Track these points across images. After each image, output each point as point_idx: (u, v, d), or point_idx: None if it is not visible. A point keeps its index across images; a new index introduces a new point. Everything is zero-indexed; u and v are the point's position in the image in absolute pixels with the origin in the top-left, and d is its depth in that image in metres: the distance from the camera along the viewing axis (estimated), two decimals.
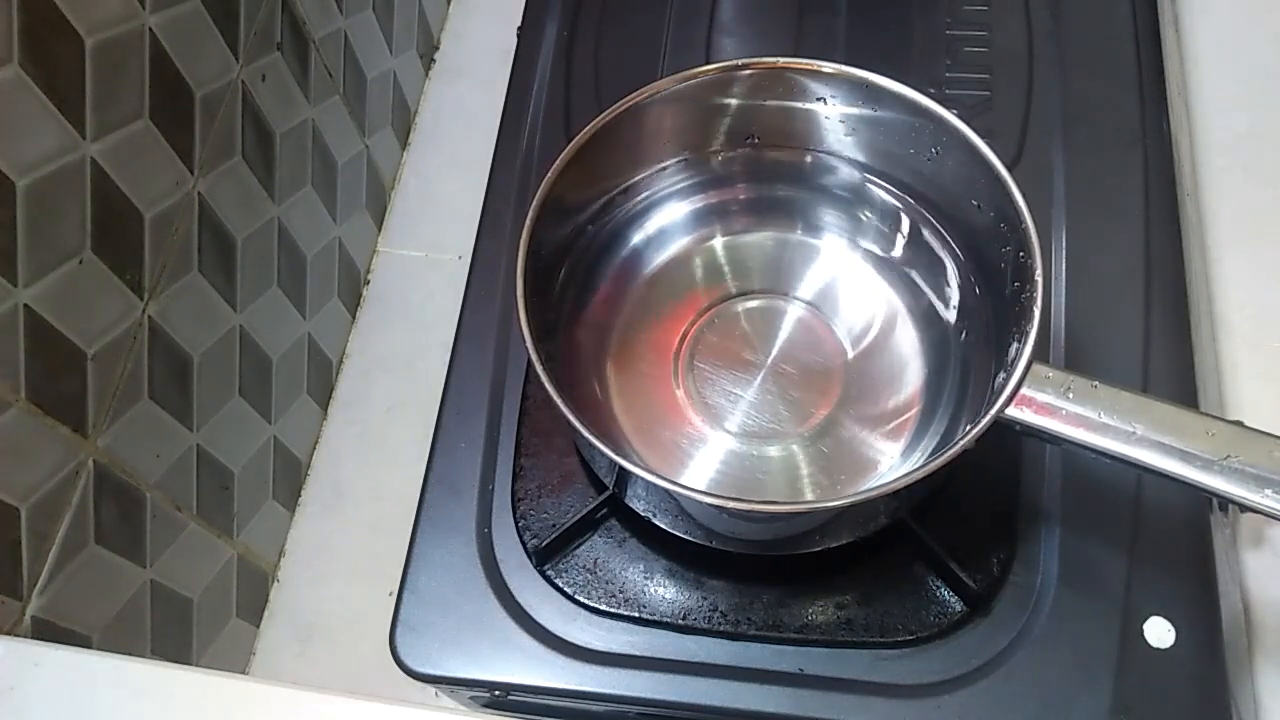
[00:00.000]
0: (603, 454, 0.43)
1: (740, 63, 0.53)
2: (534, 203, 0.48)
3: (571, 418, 0.43)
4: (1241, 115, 0.70)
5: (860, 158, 0.56)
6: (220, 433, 0.67)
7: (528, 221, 0.48)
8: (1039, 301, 0.44)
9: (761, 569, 0.53)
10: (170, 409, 0.61)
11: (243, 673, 0.74)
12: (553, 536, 0.54)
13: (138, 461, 0.58)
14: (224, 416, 0.67)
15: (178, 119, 0.58)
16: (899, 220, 0.57)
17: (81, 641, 0.55)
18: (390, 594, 0.54)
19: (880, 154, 0.55)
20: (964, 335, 0.54)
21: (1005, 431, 0.42)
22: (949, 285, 0.55)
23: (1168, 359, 0.57)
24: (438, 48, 0.98)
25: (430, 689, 0.55)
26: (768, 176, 0.59)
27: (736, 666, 0.51)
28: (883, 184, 0.57)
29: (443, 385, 0.60)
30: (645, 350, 0.57)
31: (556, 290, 0.54)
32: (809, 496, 0.54)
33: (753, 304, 0.58)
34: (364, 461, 0.81)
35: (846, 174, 0.57)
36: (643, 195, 0.58)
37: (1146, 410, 0.41)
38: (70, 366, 0.52)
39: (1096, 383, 0.42)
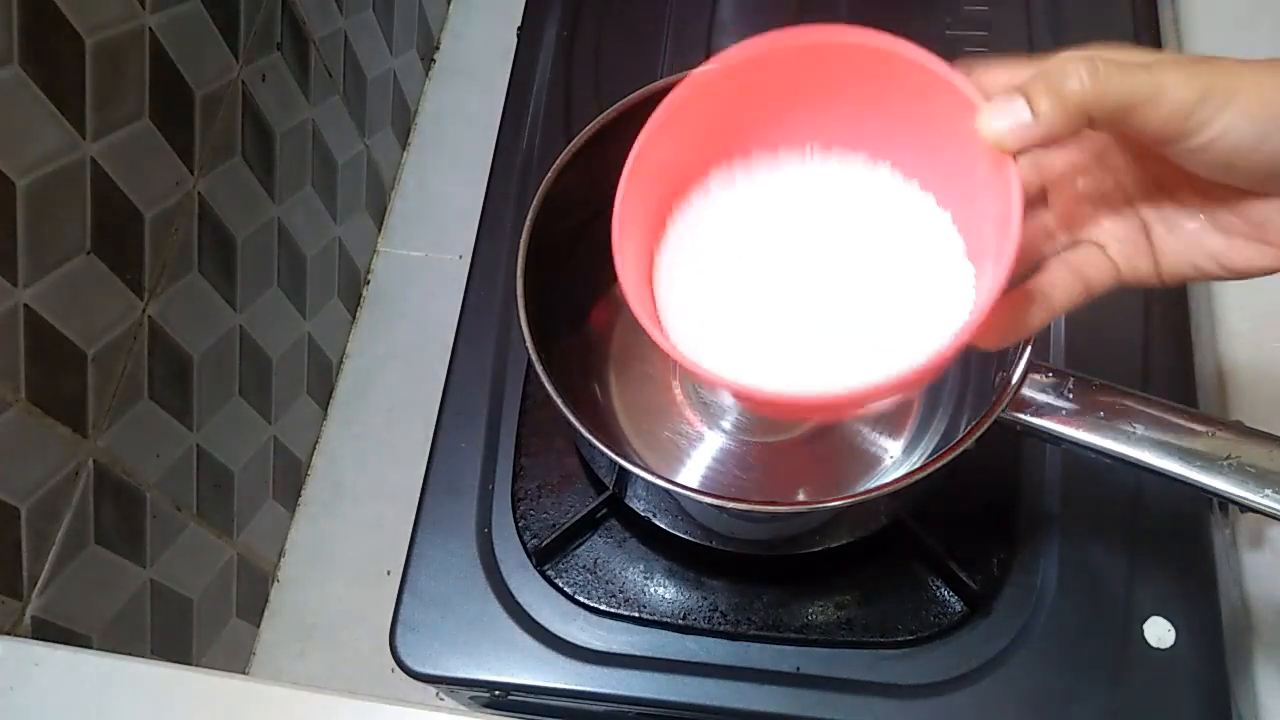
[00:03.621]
0: (603, 454, 0.43)
1: None
2: (534, 202, 0.48)
3: (571, 418, 0.43)
4: None
5: None
6: (220, 433, 0.67)
7: (528, 221, 0.48)
8: None
9: (761, 569, 0.53)
10: (170, 409, 0.61)
11: (243, 673, 0.74)
12: (553, 536, 0.54)
13: (138, 461, 0.58)
14: (224, 416, 0.67)
15: (178, 119, 0.58)
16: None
17: (81, 641, 0.55)
18: (389, 573, 0.54)
19: None
20: None
21: (1005, 431, 0.42)
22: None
23: (1168, 359, 0.57)
24: (438, 48, 0.98)
25: (430, 689, 0.55)
26: None
27: (736, 666, 0.51)
28: None
29: (443, 385, 0.60)
30: (645, 350, 0.57)
31: (557, 290, 0.54)
32: (808, 496, 0.54)
33: None
34: (364, 461, 0.81)
35: None
36: None
37: (1146, 410, 0.41)
38: (70, 366, 0.52)
39: (1096, 383, 0.42)
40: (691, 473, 0.54)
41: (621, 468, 0.43)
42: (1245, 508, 0.39)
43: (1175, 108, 0.29)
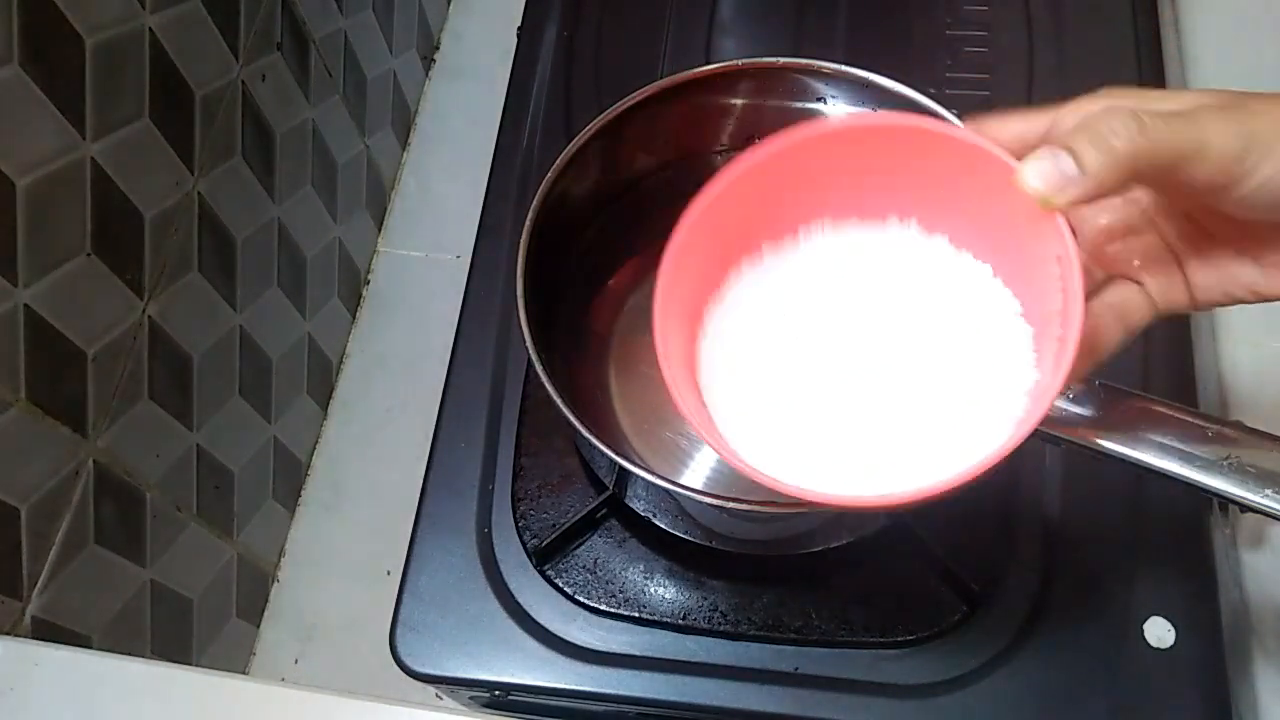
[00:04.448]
0: (603, 454, 0.43)
1: (740, 63, 0.53)
2: (534, 203, 0.48)
3: (571, 418, 0.43)
4: None
5: None
6: (220, 433, 0.67)
7: (528, 221, 0.48)
8: None
9: (761, 569, 0.53)
10: (170, 409, 0.61)
11: (243, 673, 0.74)
12: (553, 536, 0.54)
13: (138, 461, 0.58)
14: (224, 416, 0.67)
15: (178, 119, 0.58)
16: None
17: (81, 641, 0.55)
18: (389, 573, 0.54)
19: None
20: None
21: None
22: None
23: (1168, 359, 0.57)
24: (438, 48, 0.98)
25: (430, 689, 0.55)
26: None
27: (736, 666, 0.51)
28: None
29: (443, 385, 0.60)
30: (645, 350, 0.57)
31: (557, 290, 0.54)
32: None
33: None
34: (364, 461, 0.81)
35: None
36: (643, 195, 0.58)
37: (1146, 410, 0.41)
38: (70, 366, 0.52)
39: (1096, 382, 0.42)
40: (691, 473, 0.54)
41: (621, 468, 0.43)
42: (1245, 508, 0.39)
43: (1221, 160, 0.29)
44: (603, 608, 0.53)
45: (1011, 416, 0.32)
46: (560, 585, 0.54)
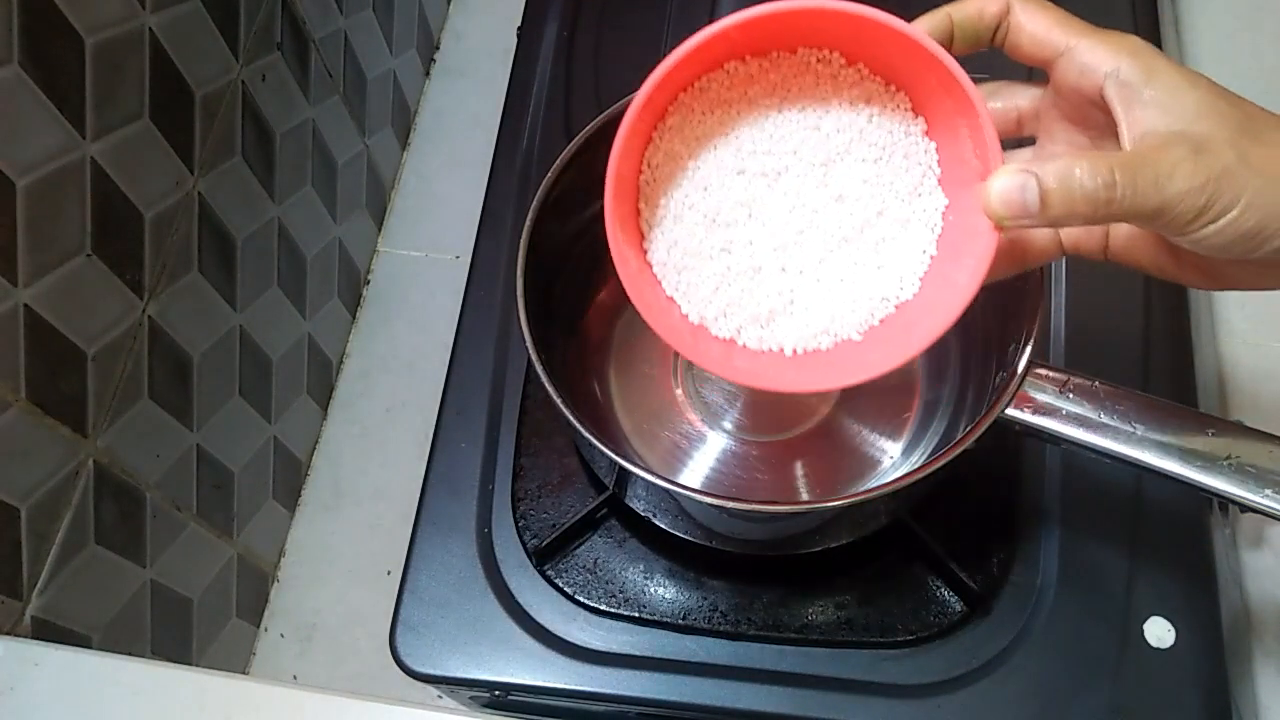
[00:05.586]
0: (603, 454, 0.43)
1: None
2: (534, 203, 0.48)
3: (571, 418, 0.43)
4: None
5: None
6: (220, 433, 0.67)
7: (528, 221, 0.48)
8: (1039, 301, 0.44)
9: (762, 569, 0.53)
10: (170, 409, 0.61)
11: (243, 673, 0.74)
12: (553, 536, 0.54)
13: (138, 461, 0.58)
14: (224, 416, 0.67)
15: (178, 119, 0.58)
16: None
17: (81, 641, 0.55)
18: (389, 573, 0.54)
19: None
20: (964, 334, 0.54)
21: (1005, 431, 0.42)
22: None
23: (1168, 359, 0.57)
24: (438, 48, 0.98)
25: (430, 689, 0.55)
26: None
27: (736, 666, 0.51)
28: None
29: (443, 385, 0.60)
30: (645, 350, 0.57)
31: (557, 290, 0.54)
32: (809, 496, 0.54)
33: None
34: (364, 461, 0.81)
35: None
36: None
37: (1146, 410, 0.41)
38: (70, 366, 0.52)
39: (1096, 382, 0.42)
40: (691, 473, 0.54)
41: (621, 468, 0.43)
42: (1245, 508, 0.39)
43: (1180, 218, 0.30)
44: (603, 608, 0.53)
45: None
46: (560, 585, 0.54)
